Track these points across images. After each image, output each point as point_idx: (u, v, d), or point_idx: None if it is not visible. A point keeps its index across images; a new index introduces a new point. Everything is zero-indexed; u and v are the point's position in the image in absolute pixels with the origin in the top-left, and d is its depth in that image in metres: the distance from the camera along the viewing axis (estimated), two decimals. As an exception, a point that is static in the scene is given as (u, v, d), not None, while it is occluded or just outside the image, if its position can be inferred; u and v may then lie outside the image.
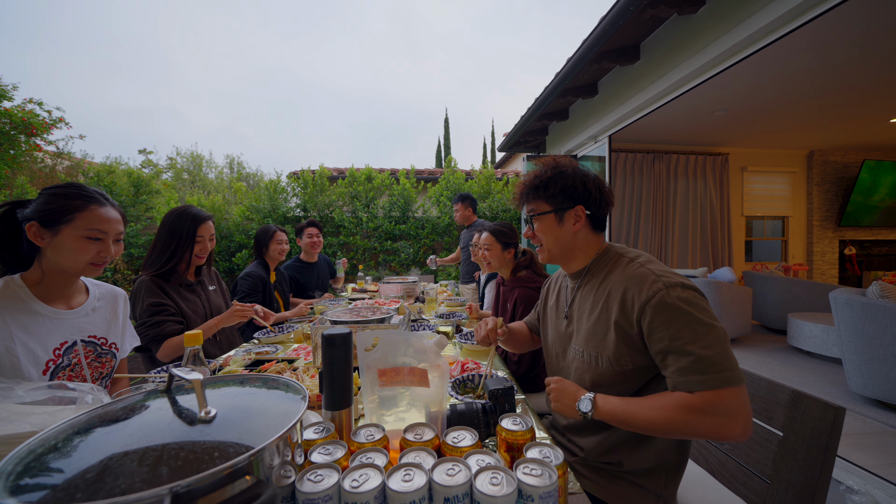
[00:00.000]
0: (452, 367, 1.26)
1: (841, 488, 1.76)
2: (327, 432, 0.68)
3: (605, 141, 4.16)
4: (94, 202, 1.02)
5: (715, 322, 0.77)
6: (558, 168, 0.98)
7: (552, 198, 0.97)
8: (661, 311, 0.78)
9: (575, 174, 0.97)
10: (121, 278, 5.59)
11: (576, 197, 0.96)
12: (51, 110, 5.17)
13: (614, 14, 2.80)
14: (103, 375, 1.12)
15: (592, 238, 1.00)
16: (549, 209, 0.98)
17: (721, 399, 0.71)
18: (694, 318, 0.76)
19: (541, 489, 0.49)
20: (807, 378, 3.04)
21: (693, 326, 0.76)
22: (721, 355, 0.73)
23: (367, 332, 0.85)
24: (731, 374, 0.72)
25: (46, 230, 0.97)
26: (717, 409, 0.71)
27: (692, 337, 0.75)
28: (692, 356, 0.74)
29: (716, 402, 0.71)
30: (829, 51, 3.01)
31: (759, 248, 6.26)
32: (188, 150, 14.69)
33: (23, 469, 0.42)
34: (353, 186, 5.63)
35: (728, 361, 0.73)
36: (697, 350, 0.74)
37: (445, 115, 16.06)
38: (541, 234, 1.01)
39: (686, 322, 0.76)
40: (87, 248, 1.00)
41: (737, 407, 0.71)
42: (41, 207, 0.97)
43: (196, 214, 1.61)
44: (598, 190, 0.97)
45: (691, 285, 0.81)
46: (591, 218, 0.98)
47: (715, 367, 0.72)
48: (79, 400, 0.71)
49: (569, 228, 0.97)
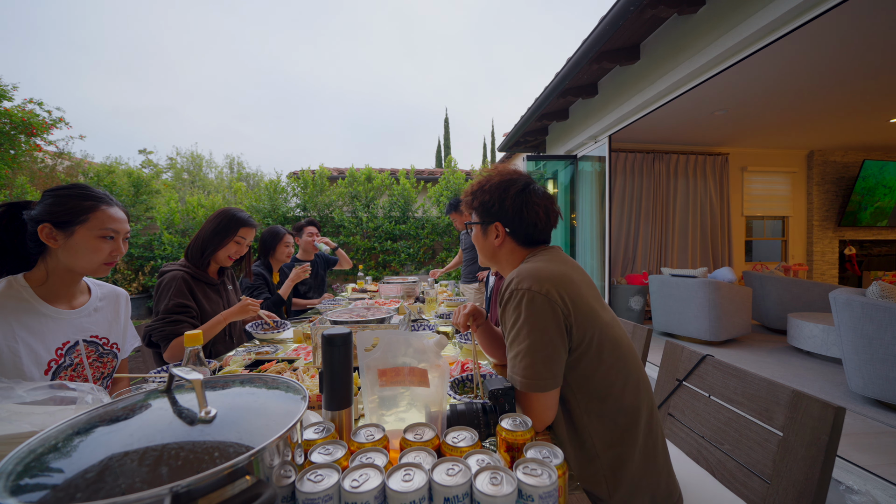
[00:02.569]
0: (452, 367, 1.26)
1: (841, 488, 1.76)
2: (327, 432, 0.68)
3: (605, 141, 4.17)
4: (103, 202, 1.03)
5: (534, 332, 0.82)
6: (484, 182, 1.02)
7: (476, 211, 1.03)
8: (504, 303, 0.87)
9: (495, 190, 0.99)
10: (121, 278, 5.59)
11: (493, 214, 0.99)
12: (51, 110, 5.18)
13: (614, 14, 2.80)
14: (104, 375, 1.12)
15: (519, 251, 1.01)
16: (476, 221, 1.04)
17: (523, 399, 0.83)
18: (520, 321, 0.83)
19: (541, 489, 0.49)
20: (807, 378, 3.04)
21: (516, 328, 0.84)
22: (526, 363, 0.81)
23: (367, 332, 0.85)
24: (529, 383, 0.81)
25: (60, 231, 0.97)
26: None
27: (513, 336, 0.85)
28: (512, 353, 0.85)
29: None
30: (829, 51, 3.01)
31: (759, 248, 6.26)
32: (188, 150, 14.72)
33: (23, 469, 0.42)
34: (353, 186, 5.64)
35: (530, 370, 0.81)
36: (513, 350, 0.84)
37: (445, 115, 16.07)
38: (474, 241, 1.08)
39: (512, 321, 0.85)
40: (101, 248, 1.02)
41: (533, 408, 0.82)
42: (52, 209, 0.97)
43: (245, 218, 1.70)
44: (520, 208, 0.97)
45: (538, 290, 0.83)
46: (513, 234, 0.99)
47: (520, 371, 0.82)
48: (79, 400, 0.71)
49: (491, 241, 1.02)
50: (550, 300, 0.82)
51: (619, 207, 5.54)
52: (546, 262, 0.91)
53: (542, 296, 0.82)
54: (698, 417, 1.15)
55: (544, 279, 0.84)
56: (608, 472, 0.83)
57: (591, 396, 0.85)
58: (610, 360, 0.85)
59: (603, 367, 0.85)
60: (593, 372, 0.84)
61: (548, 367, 0.81)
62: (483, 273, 3.40)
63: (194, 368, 0.80)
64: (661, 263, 5.63)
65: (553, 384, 0.81)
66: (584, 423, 0.85)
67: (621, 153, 5.49)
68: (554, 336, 0.82)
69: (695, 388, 1.19)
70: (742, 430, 1.00)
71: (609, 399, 0.84)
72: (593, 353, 0.84)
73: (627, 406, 0.85)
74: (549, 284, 0.83)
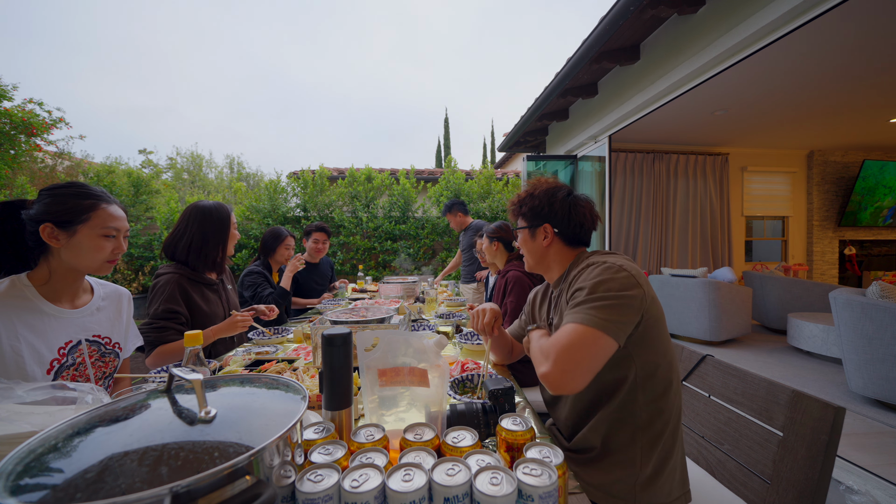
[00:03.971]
0: (452, 367, 1.26)
1: (841, 488, 1.76)
2: (327, 432, 0.68)
3: (605, 141, 4.16)
4: (102, 200, 1.03)
5: (613, 291, 0.83)
6: (531, 190, 1.10)
7: (524, 216, 1.10)
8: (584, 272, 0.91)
9: (544, 196, 1.06)
10: (121, 278, 5.59)
11: (542, 216, 1.06)
12: (51, 110, 5.17)
13: (614, 14, 2.80)
14: (106, 375, 1.12)
15: (566, 251, 1.06)
16: (525, 225, 1.10)
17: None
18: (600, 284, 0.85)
19: (541, 489, 0.49)
20: (807, 378, 3.04)
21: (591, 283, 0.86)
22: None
23: (367, 332, 0.85)
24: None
25: (62, 231, 0.97)
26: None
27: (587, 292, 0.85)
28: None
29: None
30: (829, 51, 3.01)
31: (759, 248, 6.26)
32: (188, 150, 14.70)
33: (23, 469, 0.42)
34: (353, 186, 5.63)
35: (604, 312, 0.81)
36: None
37: (445, 115, 16.07)
38: (521, 246, 1.13)
39: (592, 282, 0.86)
40: (103, 247, 1.02)
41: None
42: (52, 208, 0.96)
43: (225, 207, 1.64)
44: (568, 210, 1.04)
45: (623, 266, 0.87)
46: (562, 235, 1.05)
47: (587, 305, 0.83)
48: (79, 400, 0.71)
49: (540, 243, 1.07)
50: (634, 277, 0.86)
51: (619, 207, 5.54)
52: (622, 259, 0.94)
53: (628, 272, 0.86)
54: (698, 417, 1.15)
55: (630, 265, 0.89)
56: (647, 446, 0.85)
57: (650, 375, 0.86)
58: (666, 345, 0.89)
59: (661, 352, 0.87)
60: (653, 354, 0.87)
61: (622, 315, 0.81)
62: (482, 273, 3.41)
63: (194, 368, 0.80)
64: (661, 263, 5.62)
65: (620, 334, 0.80)
66: (639, 398, 0.86)
67: (621, 153, 5.49)
68: (633, 299, 0.82)
69: (695, 388, 1.19)
70: (742, 430, 1.00)
71: (667, 395, 0.87)
72: (655, 339, 0.87)
73: (674, 405, 0.88)
74: (632, 269, 0.88)
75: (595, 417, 0.89)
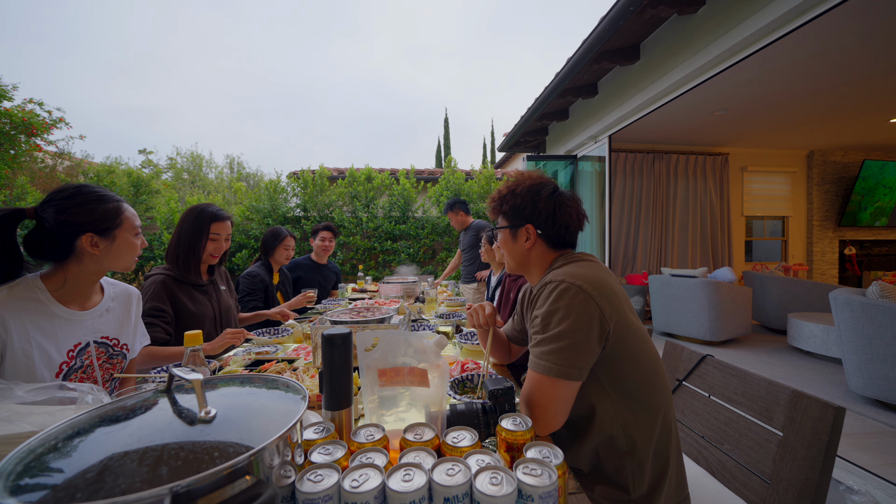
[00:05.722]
0: (452, 367, 1.26)
1: (841, 488, 1.76)
2: (327, 432, 0.68)
3: (605, 141, 4.17)
4: (121, 201, 1.05)
5: (569, 321, 0.80)
6: (513, 186, 1.02)
7: (505, 215, 1.03)
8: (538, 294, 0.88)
9: (527, 193, 0.99)
10: (121, 278, 5.59)
11: (525, 216, 0.99)
12: (51, 110, 5.17)
13: (614, 14, 2.81)
14: (113, 378, 1.12)
15: (549, 254, 1.00)
16: (506, 225, 1.03)
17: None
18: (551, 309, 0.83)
19: (541, 489, 0.49)
20: (807, 378, 3.04)
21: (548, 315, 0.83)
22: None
23: (367, 332, 0.85)
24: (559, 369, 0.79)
25: (103, 238, 0.98)
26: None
27: (544, 323, 0.84)
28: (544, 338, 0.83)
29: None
30: (828, 51, 3.01)
31: (759, 248, 6.26)
32: (188, 150, 14.71)
33: (23, 469, 0.42)
34: (352, 186, 5.63)
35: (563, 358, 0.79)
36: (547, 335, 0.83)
37: (445, 115, 16.07)
38: (501, 246, 1.07)
39: (546, 309, 0.84)
40: (136, 246, 1.07)
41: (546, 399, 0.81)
42: (88, 217, 0.96)
43: (214, 212, 1.64)
44: (553, 210, 0.97)
45: (580, 285, 0.82)
46: (545, 237, 0.99)
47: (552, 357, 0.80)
48: (79, 400, 0.71)
49: (521, 245, 1.01)
50: (592, 298, 0.81)
51: (619, 207, 5.54)
52: (586, 268, 0.89)
53: (584, 293, 0.81)
54: (698, 417, 1.15)
55: (588, 280, 0.84)
56: (636, 469, 0.82)
57: (626, 396, 0.84)
58: (642, 360, 0.85)
59: (636, 368, 0.84)
60: (627, 373, 0.84)
61: (577, 357, 0.79)
62: (482, 273, 3.41)
63: (194, 368, 0.80)
64: (661, 263, 5.63)
65: (578, 375, 0.79)
66: (617, 422, 0.83)
67: (621, 153, 5.49)
68: (589, 331, 0.80)
69: (695, 388, 1.19)
70: (742, 430, 1.00)
71: (640, 398, 0.85)
72: (628, 356, 0.84)
73: (656, 405, 0.85)
74: (590, 286, 0.82)
75: (579, 445, 0.87)
